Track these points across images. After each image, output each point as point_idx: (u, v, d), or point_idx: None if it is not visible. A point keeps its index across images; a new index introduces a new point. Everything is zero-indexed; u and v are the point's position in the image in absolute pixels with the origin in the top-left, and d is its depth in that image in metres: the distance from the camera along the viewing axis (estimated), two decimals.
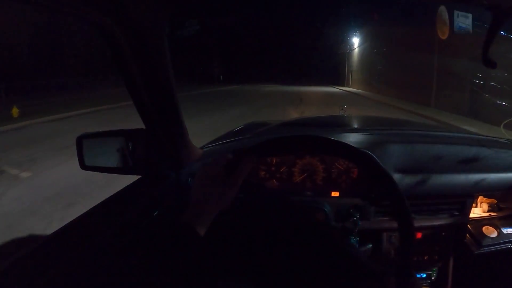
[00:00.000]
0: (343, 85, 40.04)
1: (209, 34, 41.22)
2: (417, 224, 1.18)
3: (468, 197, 1.22)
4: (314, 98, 20.40)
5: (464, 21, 9.76)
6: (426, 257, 1.23)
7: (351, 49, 37.57)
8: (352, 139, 1.24)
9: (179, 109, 0.93)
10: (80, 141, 1.07)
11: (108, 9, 0.67)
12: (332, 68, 46.48)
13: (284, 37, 54.48)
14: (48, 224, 3.12)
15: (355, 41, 35.37)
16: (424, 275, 1.24)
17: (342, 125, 1.55)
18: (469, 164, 1.18)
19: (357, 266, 0.70)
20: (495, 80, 9.64)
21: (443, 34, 12.83)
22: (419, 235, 1.21)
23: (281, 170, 1.18)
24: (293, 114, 10.97)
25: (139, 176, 1.07)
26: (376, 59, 24.65)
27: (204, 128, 7.17)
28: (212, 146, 1.26)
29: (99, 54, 23.39)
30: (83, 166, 1.07)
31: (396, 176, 1.11)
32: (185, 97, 17.50)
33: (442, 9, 11.48)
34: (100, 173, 1.08)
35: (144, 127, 0.99)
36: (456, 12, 9.82)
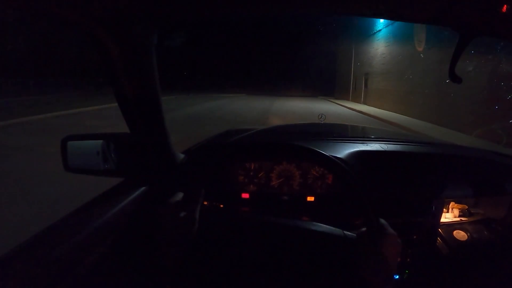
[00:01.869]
0: (343, 99, 26.72)
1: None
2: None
3: (439, 202, 1.28)
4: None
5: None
6: (398, 259, 1.27)
7: (368, 35, 21.01)
8: (327, 147, 1.28)
9: (162, 115, 0.96)
10: (64, 142, 1.08)
11: (98, 19, 0.69)
12: (324, 72, 34.70)
13: (253, 33, 40.99)
14: None
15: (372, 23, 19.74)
16: (397, 277, 1.28)
17: (320, 134, 1.60)
18: (440, 171, 1.23)
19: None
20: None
21: (419, 45, 13.14)
22: None
23: (259, 175, 1.22)
24: None
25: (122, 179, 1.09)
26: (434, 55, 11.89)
27: None
28: (192, 152, 1.29)
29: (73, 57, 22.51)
30: (67, 168, 1.09)
31: (368, 182, 1.16)
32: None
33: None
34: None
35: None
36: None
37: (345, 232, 0.76)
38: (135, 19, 0.73)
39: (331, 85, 33.77)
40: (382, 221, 0.72)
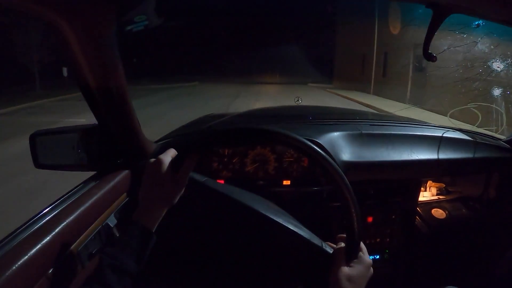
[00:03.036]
0: (350, 88, 16.58)
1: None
2: (367, 208, 1.26)
3: (416, 181, 1.30)
4: None
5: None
6: (378, 240, 1.30)
7: None
8: (303, 130, 1.27)
9: (130, 104, 0.93)
10: (33, 139, 1.03)
11: (57, 7, 0.66)
12: (316, 51, 25.31)
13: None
14: None
15: None
16: (378, 257, 1.31)
17: (296, 116, 1.58)
18: (417, 150, 1.25)
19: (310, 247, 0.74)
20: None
21: (395, 28, 12.99)
22: (370, 219, 1.28)
23: (234, 160, 1.21)
24: None
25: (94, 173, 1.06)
26: None
27: None
28: (167, 140, 1.27)
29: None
30: (38, 164, 1.05)
31: (345, 163, 1.16)
32: None
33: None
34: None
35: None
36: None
37: (324, 244, 0.75)
38: (91, 4, 0.70)
39: (326, 68, 23.47)
40: (362, 245, 0.71)
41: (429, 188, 1.42)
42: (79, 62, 0.78)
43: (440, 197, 1.42)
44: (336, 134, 1.23)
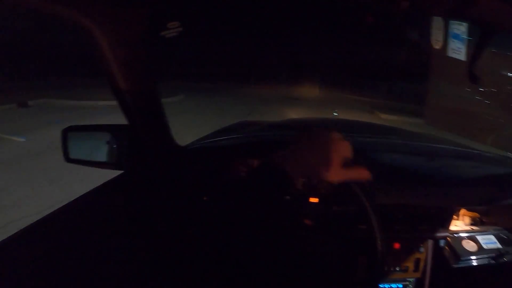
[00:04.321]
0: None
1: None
2: (395, 234, 1.19)
3: (449, 210, 1.23)
4: None
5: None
6: (403, 268, 1.23)
7: None
8: None
9: (160, 106, 0.95)
10: (65, 133, 1.07)
11: (90, 12, 0.69)
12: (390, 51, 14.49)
13: None
14: None
15: None
16: (401, 286, 1.24)
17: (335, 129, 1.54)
18: (452, 177, 1.18)
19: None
20: None
21: (437, 43, 12.51)
22: (397, 245, 1.21)
23: (260, 170, 1.18)
24: None
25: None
26: None
27: None
28: (198, 144, 1.26)
29: None
30: (68, 159, 1.08)
31: (376, 185, 1.12)
32: None
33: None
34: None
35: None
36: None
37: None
38: (123, 8, 0.73)
39: (408, 85, 15.62)
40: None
41: (462, 217, 1.33)
42: (111, 65, 0.80)
43: (473, 228, 1.33)
44: (369, 151, 1.20)
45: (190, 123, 7.93)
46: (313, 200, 1.15)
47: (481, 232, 1.32)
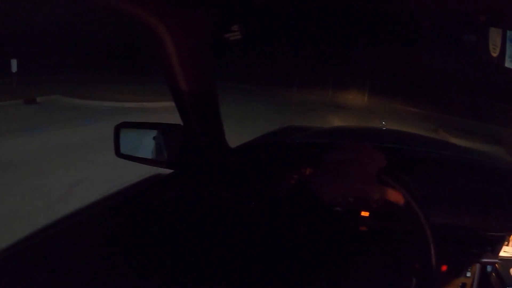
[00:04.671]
0: None
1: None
2: (444, 255, 1.12)
3: (501, 234, 1.16)
4: None
5: None
6: None
7: None
8: (389, 156, 1.16)
9: (218, 108, 0.95)
10: (117, 129, 1.10)
11: (155, 9, 0.70)
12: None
13: None
14: None
15: None
16: None
17: (382, 140, 1.46)
18: (507, 200, 1.12)
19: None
20: None
21: (495, 51, 11.37)
22: (444, 267, 1.15)
23: (313, 181, 1.14)
24: None
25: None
26: None
27: None
28: (247, 147, 1.25)
29: None
30: (119, 154, 1.11)
31: (428, 203, 1.05)
32: None
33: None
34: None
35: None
36: None
37: None
38: (192, 9, 0.73)
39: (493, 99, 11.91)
40: None
41: None
42: (174, 64, 0.81)
43: None
44: (423, 166, 1.15)
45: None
46: (364, 214, 1.11)
47: None
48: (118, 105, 10.58)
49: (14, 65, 11.55)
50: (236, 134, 1.33)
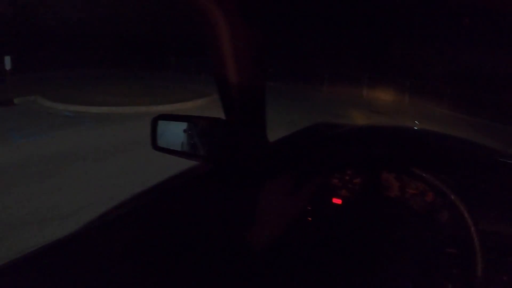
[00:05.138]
0: None
1: None
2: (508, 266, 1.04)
3: None
4: None
5: None
6: None
7: None
8: (430, 157, 1.11)
9: (264, 104, 0.92)
10: (155, 122, 1.08)
11: (223, 4, 0.69)
12: None
13: None
14: None
15: None
16: None
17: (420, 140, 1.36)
18: None
19: None
20: None
21: None
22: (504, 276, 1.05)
23: (355, 181, 1.13)
24: None
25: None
26: None
27: None
28: (284, 144, 1.23)
29: None
30: (156, 146, 1.09)
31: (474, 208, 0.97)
32: None
33: None
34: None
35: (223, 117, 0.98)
36: None
37: None
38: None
39: None
40: None
41: None
42: (226, 55, 0.78)
43: None
44: (468, 167, 1.08)
45: None
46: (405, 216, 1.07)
47: None
48: (90, 110, 9.30)
49: (7, 62, 10.63)
50: None
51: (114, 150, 5.94)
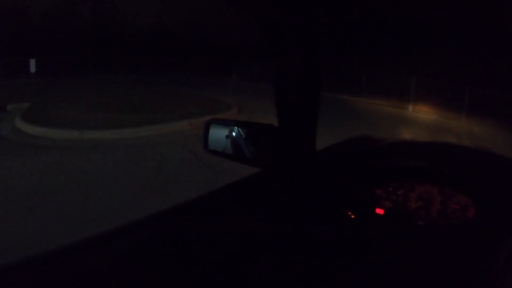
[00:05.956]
0: None
1: None
2: None
3: None
4: None
5: None
6: None
7: None
8: (467, 171, 1.13)
9: (317, 114, 0.94)
10: (208, 125, 1.15)
11: (282, 7, 0.71)
12: None
13: None
14: None
15: None
16: None
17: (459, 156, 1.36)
18: None
19: None
20: None
21: None
22: None
23: (398, 192, 1.14)
24: None
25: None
26: None
27: None
28: (330, 153, 1.26)
29: None
30: (206, 149, 1.16)
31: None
32: None
33: None
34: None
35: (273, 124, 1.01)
36: None
37: None
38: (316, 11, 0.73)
39: None
40: None
41: None
42: (287, 60, 0.81)
43: None
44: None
45: None
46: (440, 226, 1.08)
47: None
48: (53, 136, 6.97)
49: (32, 65, 10.58)
50: None
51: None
